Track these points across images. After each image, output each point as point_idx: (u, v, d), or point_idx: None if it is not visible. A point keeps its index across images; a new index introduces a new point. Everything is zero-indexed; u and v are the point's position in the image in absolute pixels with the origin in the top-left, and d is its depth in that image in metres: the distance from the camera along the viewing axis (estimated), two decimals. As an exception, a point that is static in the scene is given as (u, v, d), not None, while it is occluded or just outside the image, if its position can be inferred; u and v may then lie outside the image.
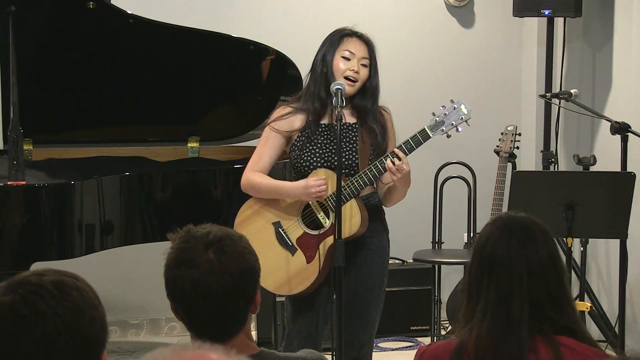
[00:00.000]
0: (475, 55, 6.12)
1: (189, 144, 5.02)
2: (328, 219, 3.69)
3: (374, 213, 3.77)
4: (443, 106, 3.69)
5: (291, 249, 3.74)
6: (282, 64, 4.89)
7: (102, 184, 4.27)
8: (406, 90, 5.97)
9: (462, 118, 3.67)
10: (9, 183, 4.10)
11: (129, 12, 4.72)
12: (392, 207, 3.87)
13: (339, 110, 3.54)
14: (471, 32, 6.12)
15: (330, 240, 3.66)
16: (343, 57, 3.73)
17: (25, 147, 4.48)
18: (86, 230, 4.23)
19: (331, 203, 3.67)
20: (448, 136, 3.69)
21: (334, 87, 3.62)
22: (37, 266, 3.99)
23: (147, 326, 5.79)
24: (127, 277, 5.63)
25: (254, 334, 5.34)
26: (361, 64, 3.73)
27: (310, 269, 3.70)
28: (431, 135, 3.65)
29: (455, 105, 3.68)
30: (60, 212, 4.14)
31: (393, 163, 3.59)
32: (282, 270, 3.71)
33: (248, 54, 4.90)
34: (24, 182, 4.11)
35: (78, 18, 4.70)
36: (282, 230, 3.75)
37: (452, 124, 3.66)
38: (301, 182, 3.69)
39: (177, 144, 5.02)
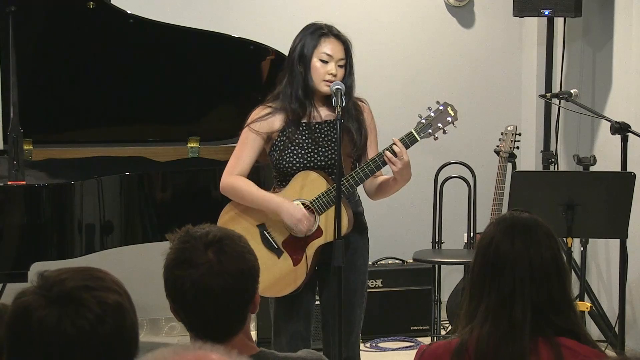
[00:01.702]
0: (475, 55, 6.12)
1: (189, 144, 5.01)
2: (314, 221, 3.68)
3: (354, 215, 3.74)
4: (429, 108, 3.67)
5: (277, 252, 3.70)
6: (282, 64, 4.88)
7: (102, 184, 4.27)
8: (406, 90, 5.97)
9: (448, 120, 3.65)
10: (9, 183, 4.10)
11: (129, 12, 4.72)
12: (392, 207, 3.86)
13: (339, 110, 3.54)
14: (471, 32, 6.11)
15: (316, 242, 3.66)
16: (321, 60, 3.71)
17: (25, 147, 4.48)
18: (86, 230, 4.23)
19: (317, 205, 3.65)
20: (435, 138, 3.68)
21: (333, 87, 3.63)
22: (37, 267, 3.99)
23: (147, 326, 5.78)
24: (127, 277, 5.57)
25: (253, 334, 5.33)
26: (338, 65, 3.71)
27: (297, 272, 3.68)
28: (419, 139, 3.64)
29: (441, 108, 3.65)
30: (60, 212, 4.14)
31: (393, 154, 3.58)
32: (269, 273, 3.64)
33: (248, 54, 4.90)
34: (24, 182, 4.10)
35: (78, 18, 4.69)
36: (268, 233, 3.72)
37: (439, 126, 3.64)
38: (289, 207, 3.63)
39: (177, 144, 5.02)
